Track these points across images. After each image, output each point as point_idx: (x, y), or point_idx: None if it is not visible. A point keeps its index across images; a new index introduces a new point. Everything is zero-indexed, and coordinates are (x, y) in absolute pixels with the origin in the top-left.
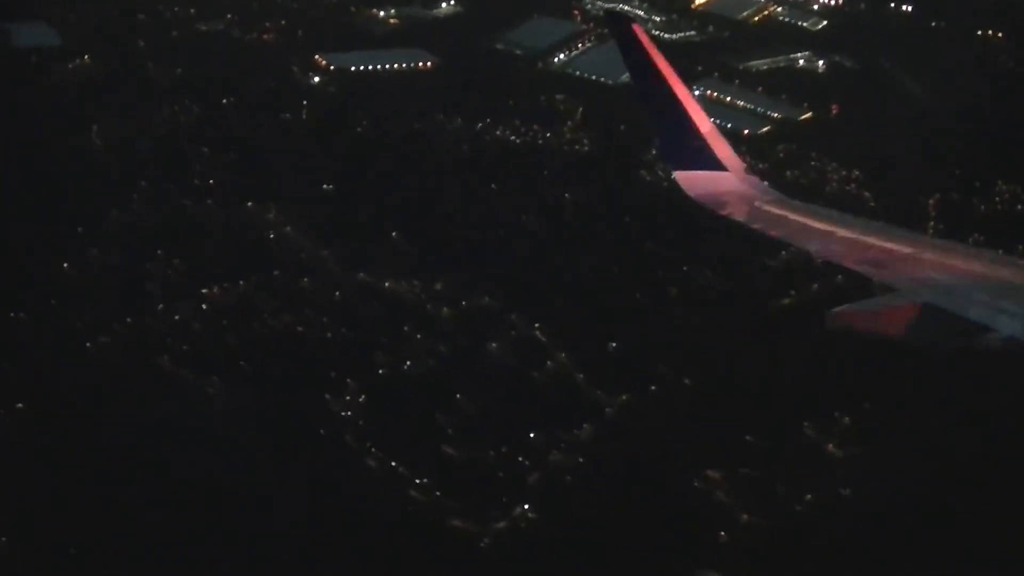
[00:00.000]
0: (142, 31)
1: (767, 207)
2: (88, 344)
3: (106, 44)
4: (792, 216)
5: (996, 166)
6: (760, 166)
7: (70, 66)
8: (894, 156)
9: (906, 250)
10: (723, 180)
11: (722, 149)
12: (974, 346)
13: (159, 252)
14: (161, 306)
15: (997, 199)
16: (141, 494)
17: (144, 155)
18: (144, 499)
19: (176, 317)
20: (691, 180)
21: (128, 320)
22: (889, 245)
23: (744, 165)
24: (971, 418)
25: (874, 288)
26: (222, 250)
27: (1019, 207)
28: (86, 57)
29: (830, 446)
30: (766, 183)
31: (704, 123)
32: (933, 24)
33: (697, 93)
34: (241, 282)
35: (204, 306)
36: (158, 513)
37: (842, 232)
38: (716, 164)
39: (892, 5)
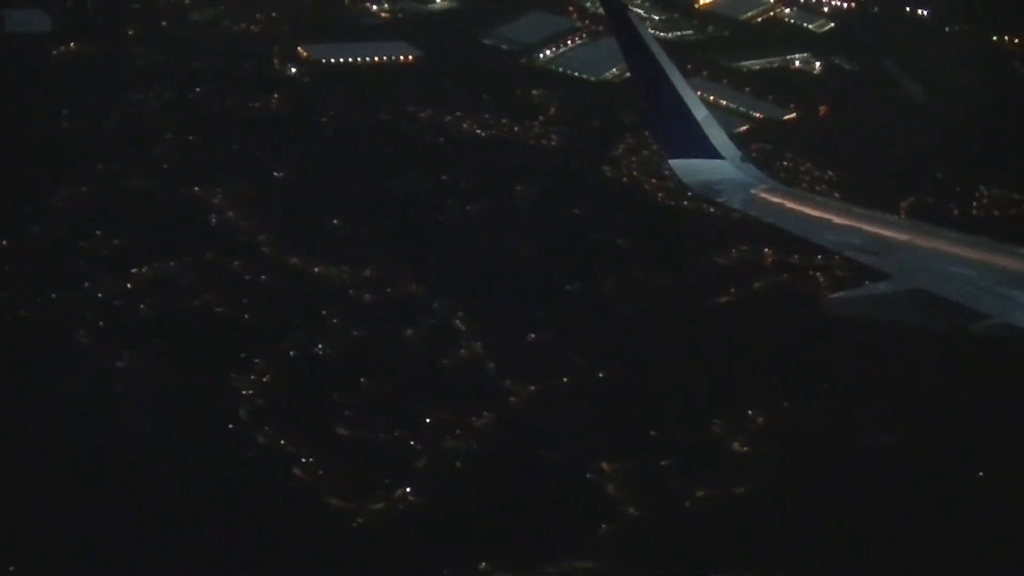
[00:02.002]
0: (133, 20)
1: (763, 195)
2: (5, 316)
3: (95, 31)
4: (788, 204)
5: (983, 172)
6: None
7: (55, 52)
8: (874, 158)
9: (902, 237)
10: (719, 168)
11: (718, 136)
12: (969, 332)
13: (98, 231)
14: (87, 283)
15: (974, 204)
16: (33, 461)
17: (107, 136)
18: (34, 465)
19: (99, 294)
20: (686, 168)
21: (52, 295)
22: (885, 232)
23: (740, 153)
24: (913, 416)
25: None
26: (160, 230)
27: (995, 212)
28: (72, 44)
29: (736, 444)
30: (763, 171)
31: (699, 110)
32: (947, 29)
33: None
34: (172, 262)
35: (129, 284)
36: (45, 479)
37: (838, 220)
38: (712, 152)
39: (908, 9)
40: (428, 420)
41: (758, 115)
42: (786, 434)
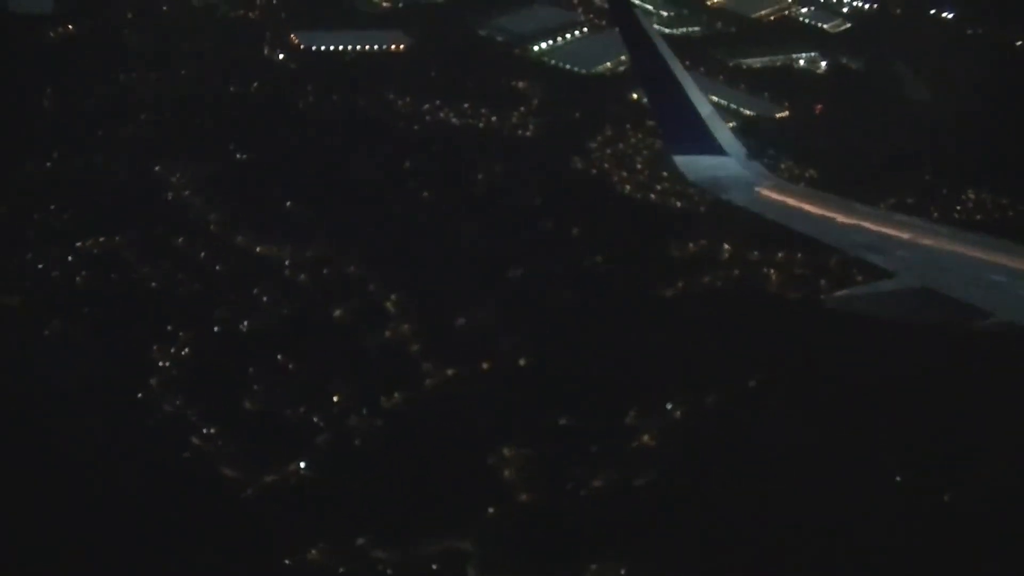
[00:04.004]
0: (133, 4)
1: (767, 192)
2: None
3: (94, 14)
4: (791, 202)
5: (973, 176)
6: None
7: (52, 33)
8: (860, 158)
9: (904, 235)
10: (723, 164)
11: (723, 133)
12: (972, 329)
13: (52, 205)
14: (30, 254)
15: (958, 208)
16: None
17: (83, 114)
18: None
19: (39, 265)
20: (691, 164)
21: None
22: (888, 230)
23: (745, 150)
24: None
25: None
26: (113, 205)
27: (979, 217)
28: (70, 26)
29: (646, 437)
30: (767, 168)
31: (704, 106)
32: (969, 32)
33: None
34: (117, 237)
35: (70, 257)
36: None
37: (841, 218)
38: (716, 148)
39: (932, 11)
40: (336, 398)
41: (749, 112)
42: (701, 430)
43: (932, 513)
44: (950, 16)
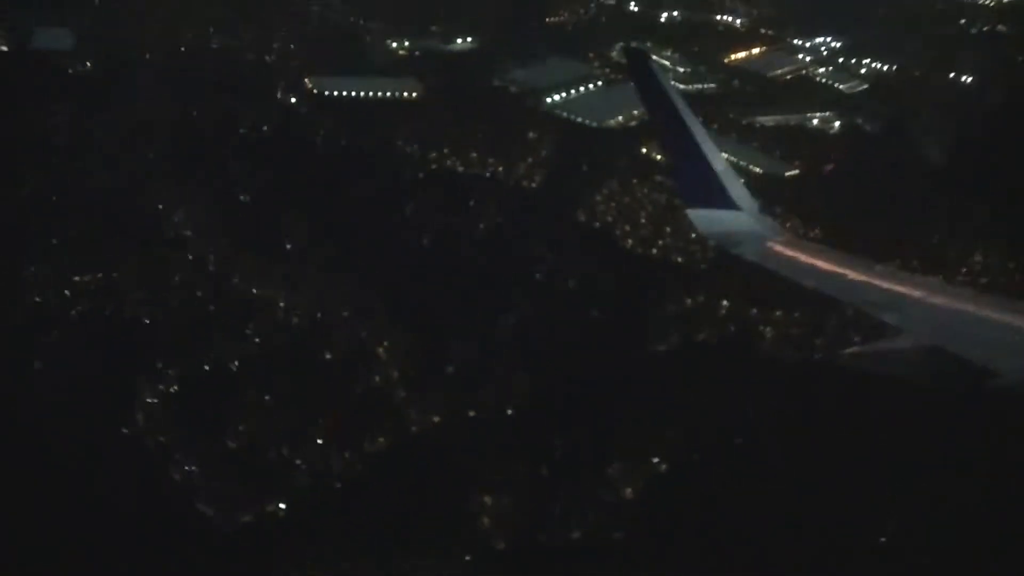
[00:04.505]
0: (154, 44)
1: (779, 247)
2: None
3: (114, 52)
4: (803, 258)
5: (983, 238)
6: None
7: (71, 70)
8: (868, 218)
9: (916, 293)
10: (736, 219)
11: (736, 188)
12: (982, 390)
13: (53, 238)
14: (27, 285)
15: (963, 271)
16: None
17: (92, 149)
18: None
19: (36, 297)
20: (704, 218)
21: None
22: (899, 288)
23: (757, 204)
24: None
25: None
26: (113, 240)
27: (984, 280)
28: (88, 63)
29: (628, 490)
30: (779, 224)
31: (718, 161)
32: (989, 97)
33: None
34: (115, 272)
35: (67, 290)
36: None
37: (852, 275)
38: (729, 203)
39: (951, 75)
40: (320, 441)
41: (758, 170)
42: (686, 486)
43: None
44: (969, 80)
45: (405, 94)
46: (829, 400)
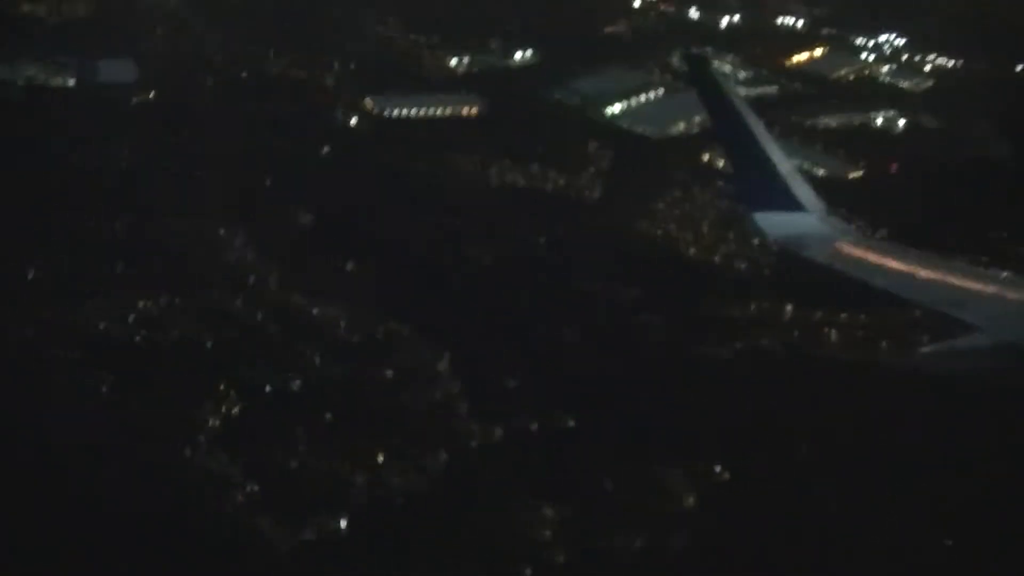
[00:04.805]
0: (214, 71)
1: (848, 248)
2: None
3: (176, 81)
4: (873, 258)
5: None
6: None
7: (134, 100)
8: (933, 218)
9: (989, 289)
10: (803, 221)
11: (802, 190)
12: None
13: (115, 266)
14: (90, 312)
15: None
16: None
17: (155, 178)
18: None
19: (100, 324)
20: (771, 221)
21: (51, 319)
22: (972, 285)
23: (825, 206)
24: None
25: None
26: (174, 267)
27: None
28: (151, 93)
29: (690, 499)
30: (850, 224)
31: (784, 163)
32: None
33: None
34: (177, 299)
35: (130, 317)
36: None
37: (924, 272)
38: (796, 205)
39: (1019, 67)
40: (381, 459)
41: (821, 172)
42: (747, 493)
43: None
44: None
45: (465, 111)
46: (903, 404)
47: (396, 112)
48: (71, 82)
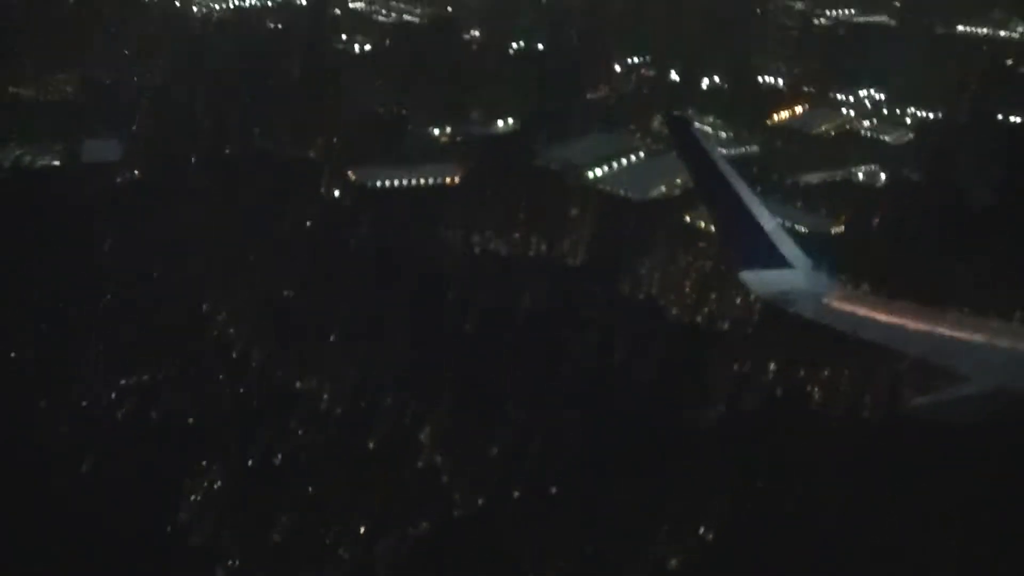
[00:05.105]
0: (199, 148)
1: (836, 303)
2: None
3: (160, 159)
4: (861, 312)
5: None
6: None
7: (119, 178)
8: (914, 270)
9: (977, 337)
10: (790, 278)
11: (787, 247)
12: None
13: (101, 343)
14: (76, 389)
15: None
16: None
17: (140, 254)
18: None
19: (83, 402)
20: (758, 279)
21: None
22: (959, 334)
23: (811, 262)
24: None
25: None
26: (159, 342)
27: None
28: (136, 172)
29: (673, 561)
30: (835, 279)
31: (768, 221)
32: None
33: None
34: (160, 374)
35: (114, 393)
36: None
37: (911, 324)
38: (782, 262)
39: (999, 116)
40: (363, 528)
41: (804, 229)
42: (732, 555)
43: None
44: (1018, 120)
45: (447, 179)
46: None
47: (379, 183)
48: (56, 162)
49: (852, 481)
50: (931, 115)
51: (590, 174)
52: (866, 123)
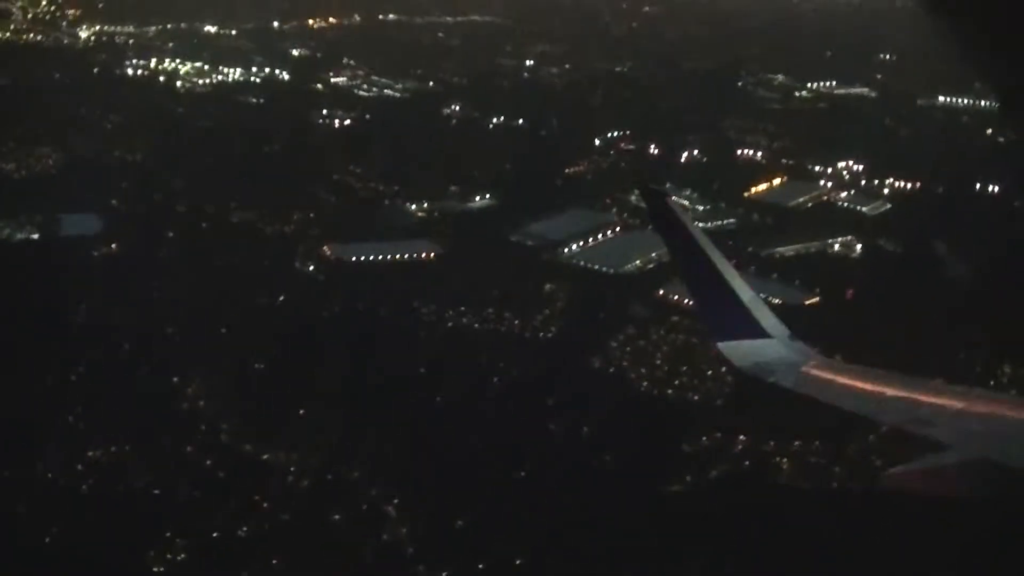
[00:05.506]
0: (176, 223)
1: (814, 372)
2: None
3: (136, 233)
4: (840, 380)
5: (1012, 353)
6: None
7: (95, 253)
8: (889, 343)
9: (957, 405)
10: (768, 348)
11: (765, 317)
12: None
13: (68, 416)
14: (38, 464)
15: (992, 383)
16: None
17: (113, 329)
18: None
19: (48, 474)
20: (735, 350)
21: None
22: (939, 401)
23: (788, 332)
24: None
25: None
26: (126, 417)
27: (1013, 392)
28: (113, 245)
29: None
30: (813, 348)
31: (745, 291)
32: (1016, 204)
33: None
34: (127, 446)
35: (79, 466)
36: None
37: (891, 392)
38: (760, 332)
39: (977, 186)
40: None
41: (777, 301)
42: None
43: None
44: (996, 190)
45: (423, 255)
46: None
47: (354, 258)
48: (35, 236)
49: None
50: (909, 185)
51: (565, 249)
52: (843, 194)
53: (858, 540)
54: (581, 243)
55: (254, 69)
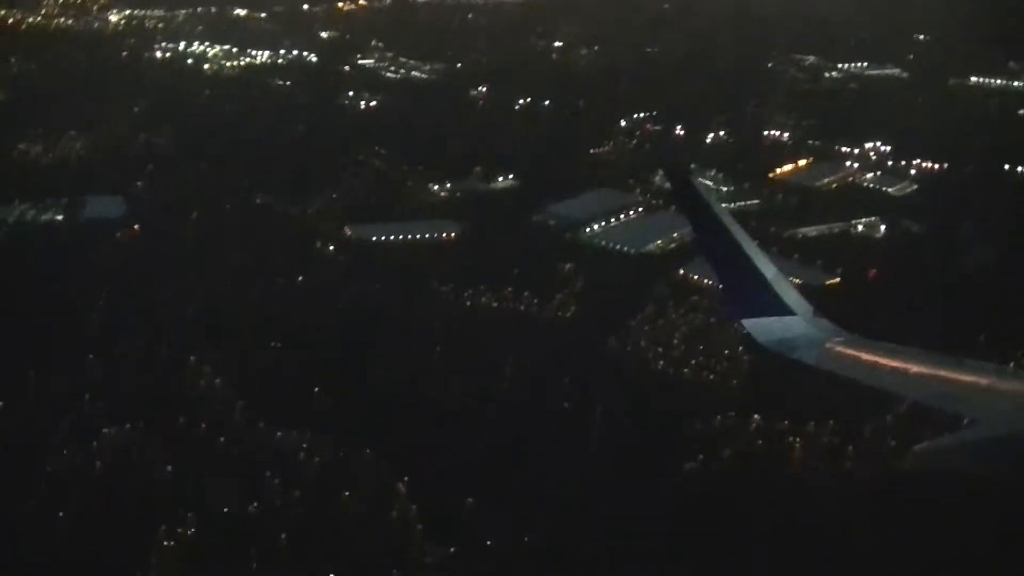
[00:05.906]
0: (201, 205)
1: (838, 348)
2: None
3: (162, 215)
4: (863, 356)
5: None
6: None
7: (119, 234)
8: (906, 324)
9: (982, 382)
10: (792, 325)
11: (789, 294)
12: None
13: (87, 393)
14: (55, 439)
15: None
16: None
17: (133, 309)
18: None
19: (64, 450)
20: (759, 327)
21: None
22: (964, 378)
23: (812, 308)
24: None
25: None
26: (144, 394)
27: None
28: (136, 226)
29: None
30: (836, 325)
31: (769, 269)
32: None
33: None
34: (142, 424)
35: (95, 442)
36: None
37: (915, 369)
38: (784, 309)
39: (1006, 166)
40: None
41: (797, 281)
42: None
43: None
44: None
45: (444, 235)
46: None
47: (375, 239)
48: (59, 217)
49: (855, 531)
50: (936, 167)
51: (587, 230)
52: (869, 175)
53: (878, 522)
54: (603, 223)
55: (282, 52)
